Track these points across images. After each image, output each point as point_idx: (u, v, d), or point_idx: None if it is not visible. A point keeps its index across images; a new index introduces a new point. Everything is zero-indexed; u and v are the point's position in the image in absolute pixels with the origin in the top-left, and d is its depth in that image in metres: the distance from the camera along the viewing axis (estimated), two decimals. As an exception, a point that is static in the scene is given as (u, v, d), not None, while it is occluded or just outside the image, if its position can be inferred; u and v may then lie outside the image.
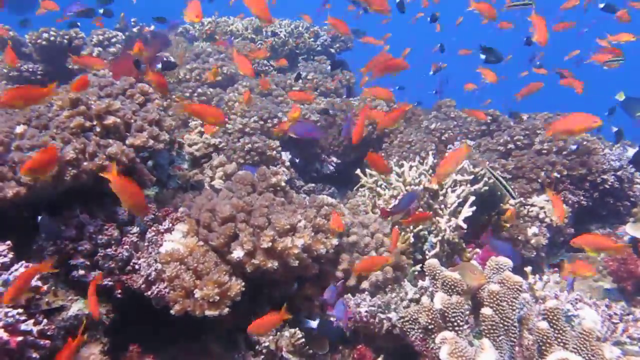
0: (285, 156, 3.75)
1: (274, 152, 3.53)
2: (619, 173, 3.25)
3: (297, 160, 3.99)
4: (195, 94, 4.30)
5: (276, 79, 4.90)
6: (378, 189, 2.89)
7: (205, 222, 1.98)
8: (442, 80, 4.90)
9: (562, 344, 1.87)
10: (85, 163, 1.81)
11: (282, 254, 1.92)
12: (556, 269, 3.26)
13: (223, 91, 4.41)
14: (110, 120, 1.95)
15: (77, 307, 1.80)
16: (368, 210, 2.91)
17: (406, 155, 3.80)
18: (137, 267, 1.87)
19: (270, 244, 1.88)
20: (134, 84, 2.26)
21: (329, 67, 5.32)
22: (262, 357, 1.98)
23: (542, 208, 3.19)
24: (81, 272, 1.82)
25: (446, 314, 1.94)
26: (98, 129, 1.95)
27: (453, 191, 2.71)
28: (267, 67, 5.56)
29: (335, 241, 2.22)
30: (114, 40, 4.78)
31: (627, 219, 3.38)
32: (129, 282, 1.86)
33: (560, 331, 1.90)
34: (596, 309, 2.55)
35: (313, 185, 3.99)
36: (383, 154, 3.98)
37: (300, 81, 4.99)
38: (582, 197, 3.24)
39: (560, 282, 3.18)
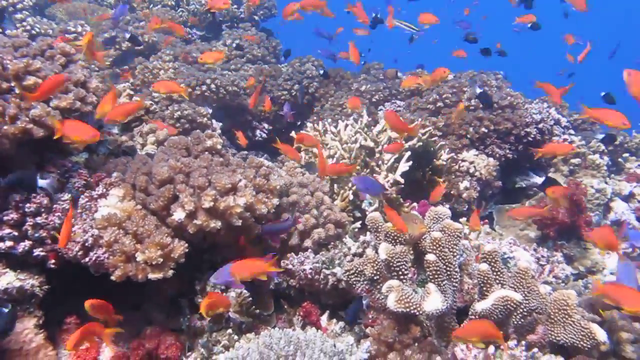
0: (216, 124, 3.65)
1: (205, 119, 3.43)
2: (540, 125, 3.40)
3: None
4: (116, 63, 4.10)
5: (201, 47, 4.75)
6: (314, 149, 2.88)
7: (141, 186, 1.90)
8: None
9: (500, 284, 1.95)
10: (5, 127, 1.68)
11: (224, 213, 1.88)
12: (486, 220, 3.40)
13: (146, 59, 4.22)
14: (30, 80, 1.80)
15: (6, 280, 1.68)
16: (304, 171, 2.89)
17: (338, 118, 3.80)
18: (71, 234, 1.77)
19: (212, 203, 1.83)
20: (52, 45, 2.10)
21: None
22: (209, 319, 1.94)
23: (472, 163, 3.29)
24: (8, 243, 1.69)
25: (391, 264, 1.97)
26: (17, 91, 1.80)
27: (389, 148, 2.74)
28: (190, 36, 5.38)
29: (276, 201, 2.19)
30: (19, 6, 4.45)
31: (549, 169, 3.56)
32: (63, 251, 1.75)
33: (499, 272, 1.98)
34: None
35: (245, 152, 3.92)
36: (315, 118, 3.97)
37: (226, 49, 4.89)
38: (507, 150, 3.37)
39: (491, 233, 3.31)
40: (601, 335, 1.79)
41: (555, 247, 3.17)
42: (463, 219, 2.88)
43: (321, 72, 4.12)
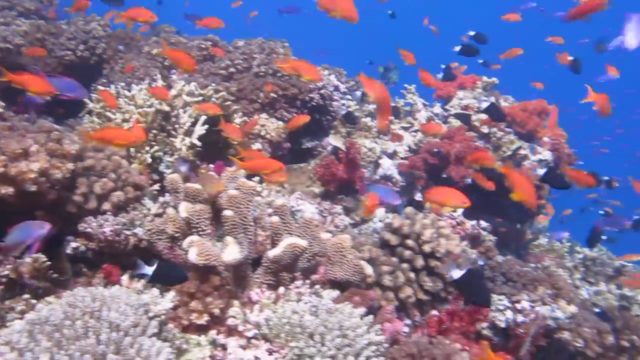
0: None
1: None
2: (322, 92, 3.78)
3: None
4: None
5: None
6: (108, 113, 2.84)
7: None
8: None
9: (289, 234, 2.23)
10: None
11: (16, 179, 1.82)
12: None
13: None
14: None
15: None
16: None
17: (130, 82, 3.74)
18: None
19: (3, 169, 1.77)
20: None
21: None
22: (2, 287, 1.88)
23: (263, 126, 3.53)
24: None
25: (191, 221, 2.12)
26: None
27: (185, 112, 2.83)
28: None
29: (71, 165, 2.17)
30: None
31: (330, 131, 3.97)
32: None
33: (288, 224, 2.24)
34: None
35: (26, 115, 3.65)
36: (105, 81, 3.84)
37: None
38: (295, 114, 3.68)
39: (281, 191, 3.62)
40: (368, 269, 2.17)
41: (336, 201, 3.60)
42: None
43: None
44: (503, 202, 4.12)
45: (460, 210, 3.49)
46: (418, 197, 3.95)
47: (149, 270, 1.85)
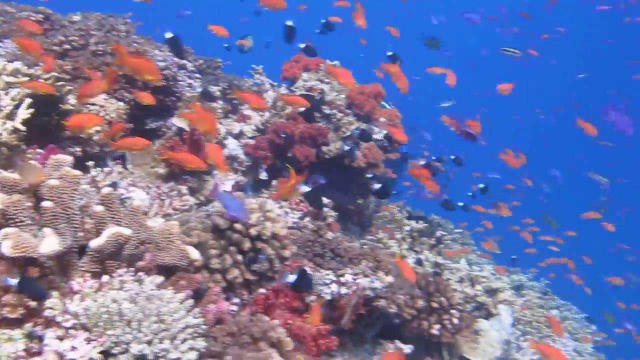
0: None
1: None
2: (165, 72, 3.75)
3: None
4: None
5: None
6: None
7: None
8: None
9: (116, 222, 2.25)
10: None
11: None
12: (120, 160, 3.64)
13: None
14: None
15: None
16: None
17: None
18: None
19: None
20: None
21: None
22: None
23: (102, 107, 3.45)
24: None
25: (7, 213, 2.06)
26: None
27: (7, 94, 2.70)
28: None
29: None
30: None
31: (174, 112, 3.96)
32: None
33: (115, 212, 2.27)
34: (148, 190, 3.06)
35: None
36: None
37: None
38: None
39: (123, 173, 3.58)
40: (194, 254, 2.27)
41: (181, 182, 3.63)
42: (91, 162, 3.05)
43: None
44: (346, 179, 4.43)
45: (303, 188, 3.69)
46: (263, 176, 4.11)
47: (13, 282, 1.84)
